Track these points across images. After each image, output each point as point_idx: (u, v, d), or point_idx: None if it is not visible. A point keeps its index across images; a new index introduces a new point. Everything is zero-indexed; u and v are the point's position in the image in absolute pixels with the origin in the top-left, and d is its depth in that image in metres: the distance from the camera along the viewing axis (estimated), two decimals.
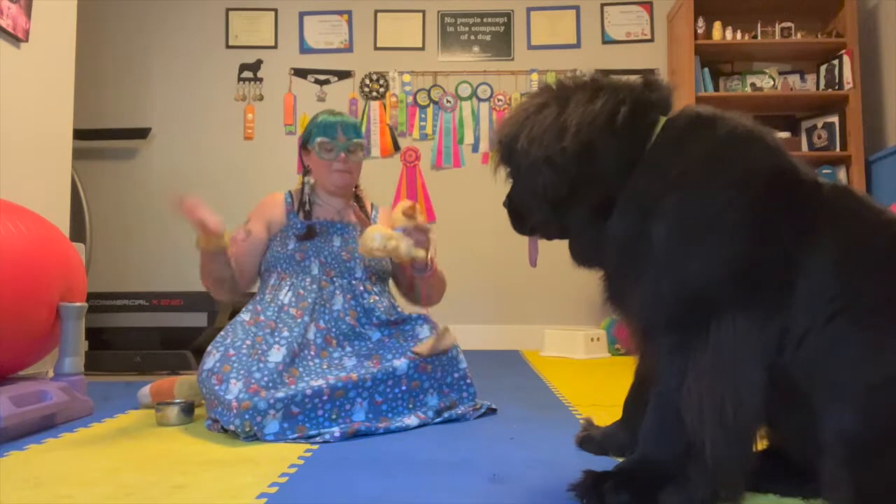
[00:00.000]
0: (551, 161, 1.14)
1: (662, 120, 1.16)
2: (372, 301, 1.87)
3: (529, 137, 1.17)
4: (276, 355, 1.65)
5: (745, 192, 1.04)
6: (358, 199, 2.04)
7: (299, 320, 1.76)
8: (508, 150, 1.23)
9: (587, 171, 1.14)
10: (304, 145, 1.97)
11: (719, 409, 0.98)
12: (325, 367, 1.68)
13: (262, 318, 1.78)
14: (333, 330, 1.79)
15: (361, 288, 1.88)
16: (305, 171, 1.99)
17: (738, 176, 1.06)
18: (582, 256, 1.24)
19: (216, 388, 1.61)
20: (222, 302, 2.94)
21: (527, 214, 1.27)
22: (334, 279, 1.86)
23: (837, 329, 0.97)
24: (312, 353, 1.72)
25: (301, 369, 1.66)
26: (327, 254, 1.88)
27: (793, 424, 1.05)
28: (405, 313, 1.91)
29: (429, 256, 1.80)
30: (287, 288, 1.84)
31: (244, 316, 1.82)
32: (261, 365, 1.62)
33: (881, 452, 0.91)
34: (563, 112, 1.16)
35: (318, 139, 1.90)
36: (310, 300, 1.81)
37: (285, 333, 1.72)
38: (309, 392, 1.58)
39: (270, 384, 1.57)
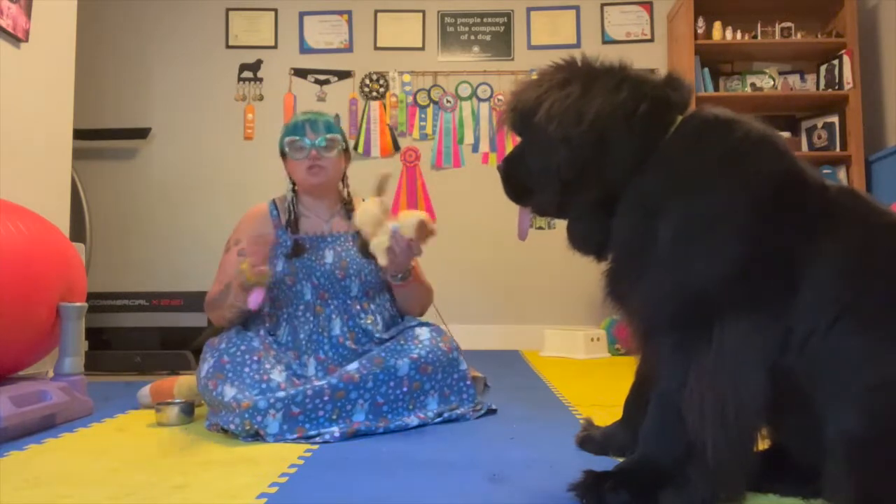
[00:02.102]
0: (568, 142, 1.13)
1: (678, 119, 1.16)
2: (368, 322, 1.82)
3: (549, 114, 1.15)
4: (279, 376, 1.65)
5: (751, 195, 1.04)
6: (347, 203, 1.96)
7: (296, 362, 1.74)
8: (524, 120, 1.21)
9: (599, 160, 1.13)
10: (281, 151, 1.90)
11: (721, 410, 0.98)
12: None
13: (261, 332, 1.77)
14: (335, 358, 1.76)
15: (357, 307, 1.83)
16: (291, 179, 1.92)
17: (745, 178, 1.06)
18: (577, 241, 1.24)
19: (213, 392, 1.61)
20: None
21: (534, 188, 1.25)
22: (329, 301, 1.80)
23: (841, 331, 0.97)
24: (315, 383, 1.64)
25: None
26: (320, 274, 1.80)
27: (796, 425, 1.05)
28: (404, 324, 1.87)
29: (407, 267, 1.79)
30: (283, 324, 1.80)
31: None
32: (264, 383, 1.61)
33: (883, 453, 0.91)
34: (585, 95, 1.14)
35: (287, 139, 1.85)
36: (303, 335, 1.77)
37: (285, 362, 1.71)
38: (310, 392, 1.57)
39: (269, 393, 1.57)
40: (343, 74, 4.16)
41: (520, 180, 1.28)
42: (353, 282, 1.82)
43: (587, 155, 1.13)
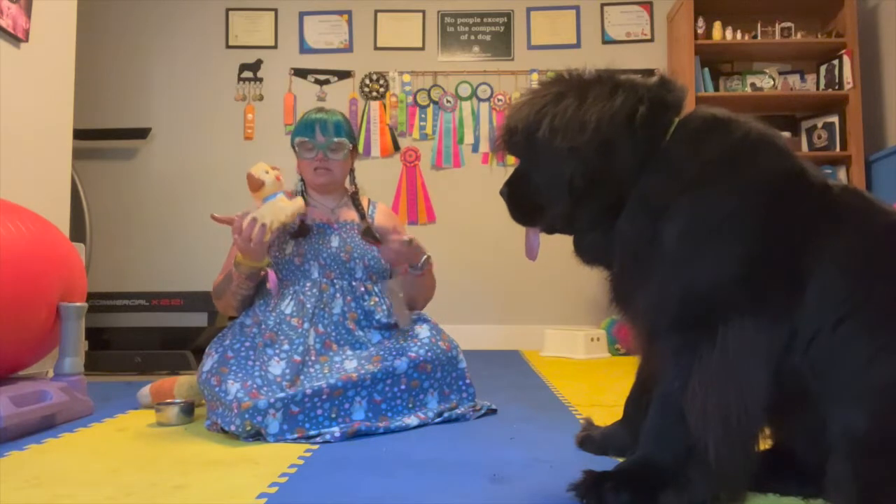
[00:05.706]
0: (577, 152, 1.13)
1: (675, 120, 1.16)
2: (372, 303, 1.87)
3: (552, 127, 1.14)
4: (276, 368, 1.65)
5: (755, 196, 1.04)
6: (353, 198, 2.02)
7: (300, 329, 1.75)
8: (526, 139, 1.20)
9: (604, 167, 1.13)
10: (292, 146, 1.99)
11: (723, 411, 0.98)
12: (325, 371, 1.68)
13: (263, 325, 1.77)
14: (333, 334, 1.79)
15: (362, 289, 1.87)
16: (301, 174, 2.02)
17: (749, 179, 1.06)
18: (587, 253, 1.23)
19: (216, 389, 1.61)
20: None
21: (544, 204, 1.23)
22: (334, 281, 1.86)
23: (846, 331, 0.97)
24: (312, 358, 1.71)
25: (303, 377, 1.66)
26: (326, 255, 1.87)
27: (799, 425, 1.05)
28: None
29: (422, 257, 1.85)
30: (289, 297, 1.82)
31: (245, 319, 1.82)
32: (262, 373, 1.62)
33: (886, 453, 0.91)
34: (582, 105, 1.14)
35: (297, 139, 1.93)
36: (309, 305, 1.80)
37: (286, 346, 1.71)
38: (309, 391, 1.58)
39: (269, 393, 1.57)
40: (343, 74, 4.16)
41: (526, 200, 1.26)
42: (357, 265, 1.88)
43: (595, 162, 1.12)
